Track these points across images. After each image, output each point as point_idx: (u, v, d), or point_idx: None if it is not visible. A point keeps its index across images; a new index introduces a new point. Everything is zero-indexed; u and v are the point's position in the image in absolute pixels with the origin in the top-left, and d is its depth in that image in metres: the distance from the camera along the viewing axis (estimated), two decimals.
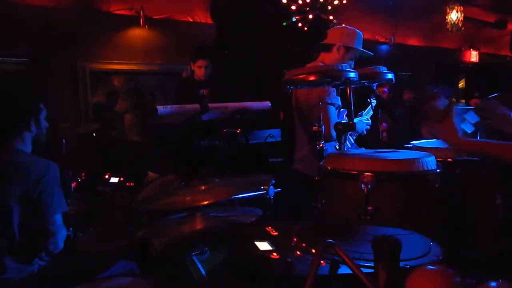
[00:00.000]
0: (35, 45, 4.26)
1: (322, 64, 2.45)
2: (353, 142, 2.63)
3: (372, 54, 2.53)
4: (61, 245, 1.78)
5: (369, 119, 2.54)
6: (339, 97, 2.34)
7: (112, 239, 2.23)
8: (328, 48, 2.46)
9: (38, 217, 1.70)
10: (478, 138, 1.66)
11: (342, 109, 2.45)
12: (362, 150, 2.38)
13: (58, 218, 1.76)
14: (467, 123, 1.58)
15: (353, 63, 2.48)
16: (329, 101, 2.28)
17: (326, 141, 1.80)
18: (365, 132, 2.51)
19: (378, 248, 0.80)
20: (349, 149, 2.37)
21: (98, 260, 1.86)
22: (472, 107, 1.66)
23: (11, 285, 1.65)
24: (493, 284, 0.76)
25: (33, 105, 1.85)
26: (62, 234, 1.79)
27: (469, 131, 1.57)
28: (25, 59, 4.39)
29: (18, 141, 1.79)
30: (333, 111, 2.32)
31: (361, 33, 2.48)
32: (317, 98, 2.21)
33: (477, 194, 1.62)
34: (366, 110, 2.59)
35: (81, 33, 4.48)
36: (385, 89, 4.93)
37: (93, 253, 2.05)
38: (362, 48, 2.48)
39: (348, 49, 2.42)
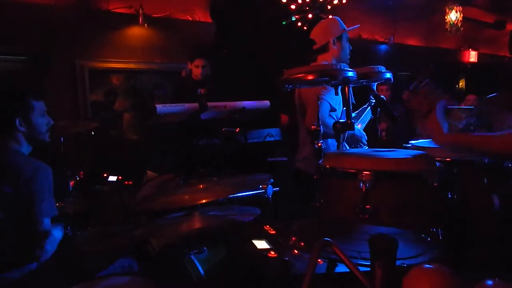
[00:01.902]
0: (34, 43, 4.26)
1: (326, 63, 2.46)
2: None
3: (359, 25, 2.60)
4: (50, 249, 1.72)
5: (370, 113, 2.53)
6: (337, 98, 2.34)
7: (110, 238, 2.23)
8: (324, 48, 2.48)
9: (27, 220, 1.66)
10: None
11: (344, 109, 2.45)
12: (361, 149, 2.38)
13: (47, 222, 1.70)
14: (458, 120, 1.58)
15: (348, 44, 2.51)
16: (323, 97, 2.28)
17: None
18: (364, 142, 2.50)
19: (375, 246, 0.80)
20: (348, 148, 2.38)
21: (96, 259, 1.86)
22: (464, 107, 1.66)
23: (9, 284, 1.64)
24: (490, 282, 0.76)
25: (19, 103, 1.77)
26: (51, 239, 1.73)
27: (460, 126, 1.57)
28: (24, 57, 4.39)
29: (12, 141, 1.75)
30: (325, 106, 2.32)
31: (336, 16, 2.58)
32: (315, 95, 2.22)
33: (475, 194, 1.63)
34: (364, 113, 2.58)
35: (80, 32, 4.48)
36: (386, 88, 4.93)
37: (91, 252, 2.05)
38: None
39: (339, 38, 2.46)
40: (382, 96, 2.01)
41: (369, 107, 2.53)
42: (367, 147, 2.45)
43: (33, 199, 1.65)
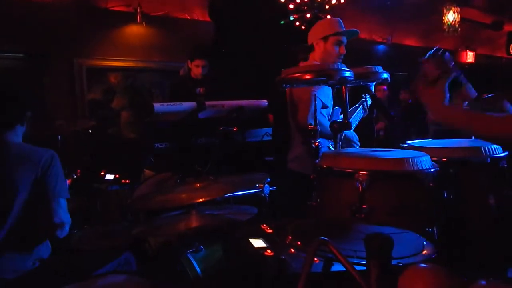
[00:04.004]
0: (32, 41, 4.25)
1: (317, 63, 2.46)
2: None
3: (358, 31, 2.51)
4: (66, 230, 1.83)
5: (366, 110, 2.52)
6: (329, 95, 2.34)
7: (107, 236, 2.23)
8: (311, 48, 2.50)
9: (44, 203, 1.76)
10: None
11: (336, 107, 2.46)
12: (357, 149, 2.38)
13: (63, 202, 1.81)
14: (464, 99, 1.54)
15: (339, 48, 2.43)
16: (314, 93, 2.27)
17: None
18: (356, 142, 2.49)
19: (371, 245, 0.80)
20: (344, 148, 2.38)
21: (93, 258, 1.86)
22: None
23: (7, 284, 1.64)
24: (484, 282, 0.76)
25: (33, 100, 1.92)
26: (68, 219, 1.83)
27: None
28: (22, 55, 4.37)
29: (12, 134, 1.80)
30: (317, 102, 2.31)
31: (336, 18, 2.49)
32: (307, 92, 2.21)
33: (471, 194, 1.63)
34: (356, 111, 2.57)
35: (78, 30, 4.47)
36: (385, 87, 4.96)
37: (88, 250, 2.05)
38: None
39: (325, 38, 2.42)
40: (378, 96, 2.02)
41: (360, 107, 2.53)
42: (358, 147, 2.45)
43: (52, 182, 1.77)
